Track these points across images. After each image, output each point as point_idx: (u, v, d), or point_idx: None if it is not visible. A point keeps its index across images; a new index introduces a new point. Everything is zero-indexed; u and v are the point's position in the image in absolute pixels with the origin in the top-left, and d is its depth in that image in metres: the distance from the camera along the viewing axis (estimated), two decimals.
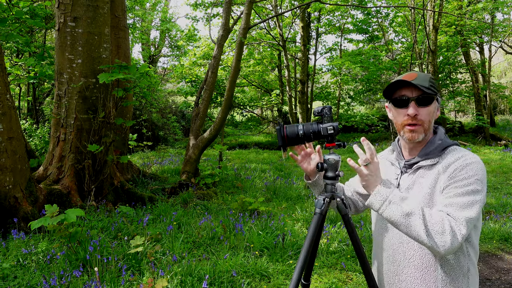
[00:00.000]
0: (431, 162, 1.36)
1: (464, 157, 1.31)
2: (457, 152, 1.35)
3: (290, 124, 1.49)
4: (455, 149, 1.37)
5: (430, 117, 1.37)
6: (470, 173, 1.27)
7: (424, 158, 1.38)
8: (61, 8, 4.82)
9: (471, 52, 18.60)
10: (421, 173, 1.38)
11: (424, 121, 1.36)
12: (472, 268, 1.35)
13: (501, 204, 5.97)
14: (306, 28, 16.12)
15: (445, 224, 1.21)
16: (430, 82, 1.36)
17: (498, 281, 3.66)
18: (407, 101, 1.36)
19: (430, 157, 1.37)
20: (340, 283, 3.37)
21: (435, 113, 1.40)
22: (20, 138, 4.28)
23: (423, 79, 1.36)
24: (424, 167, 1.38)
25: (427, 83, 1.35)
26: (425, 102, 1.36)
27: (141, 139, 12.60)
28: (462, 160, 1.30)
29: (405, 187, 1.41)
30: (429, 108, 1.36)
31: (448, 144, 1.38)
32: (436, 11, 12.94)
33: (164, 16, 20.41)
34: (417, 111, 1.36)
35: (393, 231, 1.43)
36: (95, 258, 3.22)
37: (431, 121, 1.39)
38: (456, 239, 1.20)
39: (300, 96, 16.02)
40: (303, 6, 14.20)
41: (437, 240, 1.20)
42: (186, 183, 6.22)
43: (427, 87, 1.34)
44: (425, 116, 1.36)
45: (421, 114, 1.36)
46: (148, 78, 11.81)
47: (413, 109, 1.36)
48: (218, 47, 6.92)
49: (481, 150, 12.70)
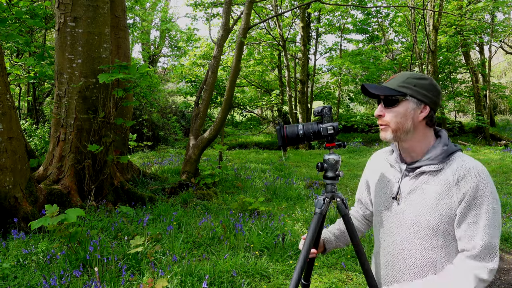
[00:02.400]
0: (435, 168, 1.31)
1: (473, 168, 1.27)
2: (465, 162, 1.30)
3: (290, 124, 1.50)
4: (460, 157, 1.32)
5: (398, 119, 1.32)
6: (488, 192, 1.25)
7: (428, 163, 1.32)
8: (61, 8, 4.82)
9: (471, 52, 18.61)
10: (425, 179, 1.33)
11: (390, 122, 1.34)
12: None
13: (501, 204, 5.96)
14: (306, 28, 16.12)
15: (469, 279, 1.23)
16: (404, 83, 1.31)
17: (498, 281, 3.66)
18: (379, 101, 1.38)
19: (434, 162, 1.31)
20: (340, 283, 3.37)
21: (410, 114, 1.32)
22: (20, 138, 4.28)
23: (397, 80, 1.34)
24: (428, 173, 1.33)
25: (398, 82, 1.32)
26: (389, 103, 1.34)
27: (141, 139, 12.61)
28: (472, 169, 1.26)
29: (406, 192, 1.37)
30: (395, 109, 1.32)
31: (453, 150, 1.33)
32: (436, 11, 12.94)
33: (164, 16, 20.42)
34: (382, 112, 1.36)
35: (395, 237, 1.40)
36: (95, 258, 3.22)
37: (401, 122, 1.32)
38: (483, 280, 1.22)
39: (300, 96, 16.03)
40: (303, 6, 14.21)
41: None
42: (186, 183, 6.22)
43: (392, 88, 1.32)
44: (390, 118, 1.33)
45: (386, 115, 1.35)
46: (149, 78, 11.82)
47: (378, 110, 1.38)
48: (218, 47, 6.92)
49: (481, 150, 12.69)
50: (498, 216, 1.25)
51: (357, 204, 1.71)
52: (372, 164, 1.58)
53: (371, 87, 1.36)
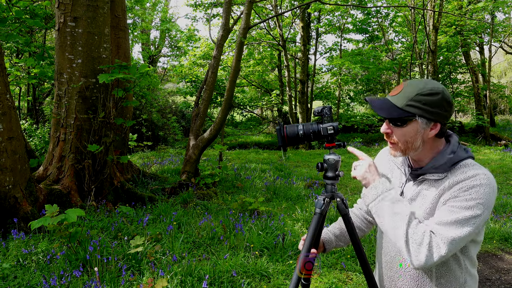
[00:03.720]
0: (438, 177, 1.27)
1: (475, 177, 1.20)
2: (468, 169, 1.23)
3: (290, 124, 1.50)
4: (467, 165, 1.25)
5: (407, 138, 1.26)
6: (474, 195, 1.18)
7: (431, 172, 1.29)
8: (61, 8, 4.82)
9: (471, 52, 18.60)
10: (426, 186, 1.30)
11: (398, 141, 1.28)
12: (469, 280, 1.33)
13: (501, 204, 5.97)
14: (306, 28, 16.13)
15: (425, 237, 1.17)
16: (412, 101, 1.21)
17: (498, 281, 3.66)
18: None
19: (438, 171, 1.27)
20: (340, 283, 3.37)
21: (420, 133, 1.25)
22: (20, 138, 4.28)
23: (404, 95, 1.23)
24: (430, 180, 1.30)
25: (406, 100, 1.22)
26: (396, 123, 1.27)
27: (141, 139, 12.60)
28: (471, 180, 1.20)
29: (408, 197, 1.36)
30: (404, 129, 1.25)
31: (460, 158, 1.26)
32: (436, 11, 12.94)
33: (164, 16, 20.43)
34: (389, 130, 1.30)
35: None
36: (95, 258, 3.22)
37: (410, 141, 1.26)
38: (432, 256, 1.16)
39: (300, 96, 16.03)
40: (303, 6, 14.21)
41: (412, 250, 1.18)
42: (186, 183, 6.22)
43: (400, 108, 1.23)
44: (399, 137, 1.27)
45: (394, 133, 1.29)
46: (148, 78, 11.83)
47: (384, 127, 1.31)
48: (218, 47, 6.92)
49: (481, 150, 12.69)
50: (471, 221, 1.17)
51: (360, 200, 1.70)
52: (379, 161, 1.55)
53: (376, 106, 1.28)
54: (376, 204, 1.27)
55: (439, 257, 1.16)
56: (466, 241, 1.20)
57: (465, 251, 1.30)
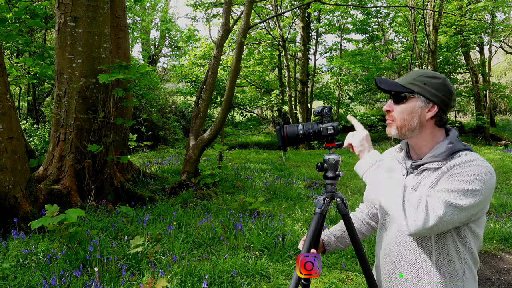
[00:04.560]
0: (437, 165, 1.30)
1: (472, 161, 1.23)
2: (467, 155, 1.27)
3: (290, 124, 1.50)
4: (466, 154, 1.28)
5: (404, 115, 1.34)
6: (471, 172, 1.20)
7: (431, 161, 1.33)
8: (61, 8, 4.82)
9: (471, 52, 18.61)
10: (426, 175, 1.33)
11: (396, 119, 1.36)
12: (468, 272, 1.32)
13: (501, 204, 5.97)
14: (306, 28, 16.13)
15: (421, 201, 1.18)
16: (415, 80, 1.32)
17: (498, 281, 3.66)
18: (390, 96, 1.40)
19: (437, 160, 1.31)
20: (340, 283, 3.37)
21: (417, 112, 1.32)
22: (20, 138, 4.28)
23: (409, 76, 1.35)
24: (430, 169, 1.33)
25: (409, 79, 1.33)
26: (397, 99, 1.36)
27: (141, 139, 12.60)
28: (468, 163, 1.23)
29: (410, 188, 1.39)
30: (402, 106, 1.34)
31: (459, 148, 1.30)
32: (436, 11, 12.94)
33: (164, 16, 20.43)
34: (390, 107, 1.38)
35: (391, 229, 1.42)
36: (95, 258, 3.22)
37: (407, 119, 1.33)
38: (429, 218, 1.15)
39: (300, 96, 16.03)
40: (303, 6, 14.21)
41: (409, 213, 1.17)
42: (186, 183, 6.22)
43: (402, 85, 1.33)
44: (397, 114, 1.35)
45: (394, 110, 1.37)
46: (149, 78, 11.83)
47: (387, 105, 1.39)
48: (218, 47, 6.92)
49: (481, 150, 12.70)
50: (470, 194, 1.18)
51: (363, 203, 1.72)
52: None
53: (382, 82, 1.38)
54: (373, 172, 1.28)
55: (437, 218, 1.15)
56: (465, 215, 1.19)
57: (464, 241, 1.29)
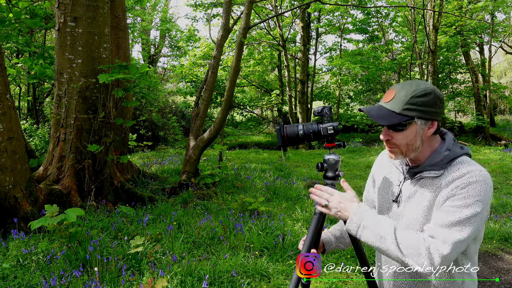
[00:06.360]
0: (435, 174, 1.29)
1: (470, 173, 1.22)
2: (464, 166, 1.25)
3: (290, 124, 1.50)
4: (463, 162, 1.27)
5: (408, 141, 1.28)
6: (471, 193, 1.19)
7: (428, 169, 1.31)
8: (61, 8, 4.82)
9: (471, 52, 18.61)
10: (424, 183, 1.32)
11: (399, 145, 1.30)
12: (467, 281, 1.33)
13: (501, 204, 5.96)
14: (306, 28, 16.13)
15: (420, 247, 1.18)
16: (408, 104, 1.23)
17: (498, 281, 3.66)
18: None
19: (435, 169, 1.29)
20: (340, 283, 3.38)
21: (419, 134, 1.28)
22: (20, 138, 4.28)
23: (399, 100, 1.25)
24: (427, 178, 1.31)
25: (402, 104, 1.24)
26: (396, 128, 1.28)
27: (141, 139, 12.60)
28: (466, 177, 1.22)
29: (406, 195, 1.37)
30: (404, 133, 1.27)
31: (456, 155, 1.29)
32: (436, 11, 12.94)
33: (164, 16, 20.41)
34: (389, 136, 1.31)
35: None
36: (95, 258, 3.22)
37: (411, 143, 1.29)
38: (434, 260, 1.16)
39: (300, 96, 16.03)
40: (303, 6, 14.20)
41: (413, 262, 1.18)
42: (186, 183, 6.22)
43: (397, 113, 1.24)
44: (399, 141, 1.29)
45: (394, 138, 1.30)
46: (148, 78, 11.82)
47: (383, 134, 1.33)
48: (218, 47, 6.91)
49: (481, 150, 12.69)
50: (472, 220, 1.19)
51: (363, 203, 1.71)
52: (379, 163, 1.57)
53: (374, 116, 1.28)
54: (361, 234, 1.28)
55: (443, 258, 1.16)
56: (468, 241, 1.20)
57: (465, 250, 1.29)
